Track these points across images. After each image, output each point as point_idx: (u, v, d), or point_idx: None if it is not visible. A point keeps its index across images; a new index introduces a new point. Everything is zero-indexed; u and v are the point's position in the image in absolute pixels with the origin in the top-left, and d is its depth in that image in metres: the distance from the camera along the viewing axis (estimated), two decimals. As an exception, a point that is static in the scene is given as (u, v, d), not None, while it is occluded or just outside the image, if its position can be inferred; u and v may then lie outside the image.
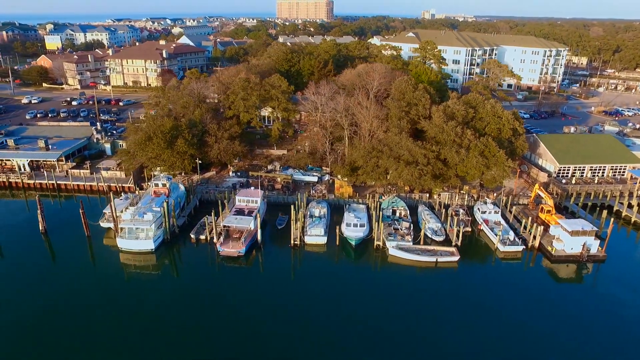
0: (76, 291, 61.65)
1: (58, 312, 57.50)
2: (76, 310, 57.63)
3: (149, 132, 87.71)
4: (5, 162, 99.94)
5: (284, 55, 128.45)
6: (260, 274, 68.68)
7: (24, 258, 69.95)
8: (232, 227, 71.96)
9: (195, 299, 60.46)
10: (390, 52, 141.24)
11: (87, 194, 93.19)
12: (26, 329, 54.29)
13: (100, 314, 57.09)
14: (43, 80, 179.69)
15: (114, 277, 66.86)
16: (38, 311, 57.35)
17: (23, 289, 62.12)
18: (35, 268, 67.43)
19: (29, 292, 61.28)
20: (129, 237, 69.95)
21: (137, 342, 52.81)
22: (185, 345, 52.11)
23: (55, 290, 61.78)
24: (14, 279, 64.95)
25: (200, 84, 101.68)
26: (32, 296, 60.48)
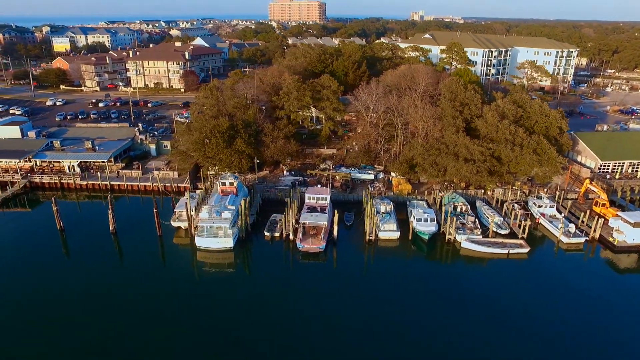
0: (154, 290, 62.03)
1: (137, 313, 57.51)
2: (154, 309, 57.97)
3: (206, 131, 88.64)
4: (53, 164, 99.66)
5: (317, 56, 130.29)
6: (338, 270, 70.15)
7: (95, 258, 69.95)
8: (308, 224, 73.37)
9: (277, 294, 61.44)
10: (416, 54, 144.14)
11: (140, 194, 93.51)
12: (102, 329, 54.22)
13: (180, 312, 57.48)
14: (61, 82, 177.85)
15: (192, 275, 67.73)
16: (113, 311, 57.36)
17: (97, 289, 61.99)
18: (109, 268, 67.75)
19: (103, 292, 61.26)
20: (207, 236, 70.78)
21: (221, 338, 53.27)
22: (272, 340, 52.89)
23: (133, 290, 61.82)
24: (89, 279, 64.67)
25: (247, 85, 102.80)
26: (106, 296, 60.46)
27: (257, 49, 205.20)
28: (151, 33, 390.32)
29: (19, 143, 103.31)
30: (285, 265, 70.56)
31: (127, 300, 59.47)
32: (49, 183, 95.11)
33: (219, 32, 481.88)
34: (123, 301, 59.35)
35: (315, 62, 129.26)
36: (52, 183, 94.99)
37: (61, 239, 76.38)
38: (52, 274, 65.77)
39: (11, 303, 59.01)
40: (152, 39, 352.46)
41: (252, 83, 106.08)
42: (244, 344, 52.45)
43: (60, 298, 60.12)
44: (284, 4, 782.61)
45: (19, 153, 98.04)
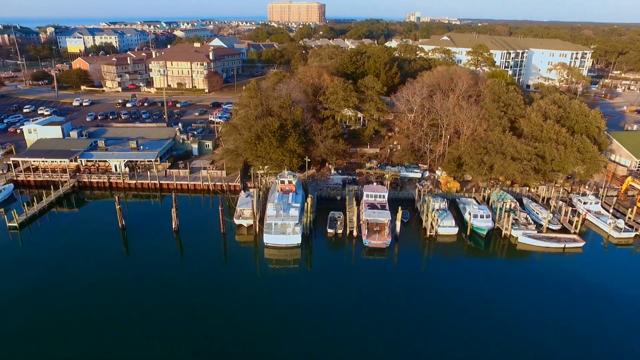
0: (221, 287, 63.20)
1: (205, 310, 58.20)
2: (222, 306, 59.03)
3: (257, 131, 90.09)
4: (98, 163, 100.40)
5: (348, 57, 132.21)
6: (402, 265, 71.90)
7: (159, 256, 70.99)
8: (371, 221, 75.15)
9: (345, 290, 62.97)
10: (442, 56, 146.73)
11: (190, 193, 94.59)
12: (170, 325, 55.18)
13: (249, 308, 58.53)
14: (81, 83, 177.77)
15: (259, 272, 68.96)
16: (176, 308, 58.25)
17: (161, 287, 62.89)
18: (173, 266, 68.80)
19: (169, 290, 62.19)
20: (275, 232, 72.25)
21: (293, 333, 54.42)
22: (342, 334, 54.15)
23: (199, 287, 62.81)
24: (154, 277, 65.47)
25: (288, 85, 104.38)
26: (170, 293, 61.37)
27: (275, 50, 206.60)
28: (157, 34, 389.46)
29: (63, 143, 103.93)
30: (351, 261, 72.10)
31: (194, 298, 60.55)
32: (97, 182, 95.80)
33: (220, 32, 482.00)
34: (190, 298, 60.35)
35: (347, 63, 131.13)
36: (101, 182, 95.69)
37: (122, 237, 77.32)
38: (115, 272, 66.60)
39: (77, 300, 59.78)
40: (159, 39, 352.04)
41: (291, 83, 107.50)
42: (317, 338, 53.65)
43: (124, 295, 61.10)
44: (283, 5, 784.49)
45: (66, 153, 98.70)
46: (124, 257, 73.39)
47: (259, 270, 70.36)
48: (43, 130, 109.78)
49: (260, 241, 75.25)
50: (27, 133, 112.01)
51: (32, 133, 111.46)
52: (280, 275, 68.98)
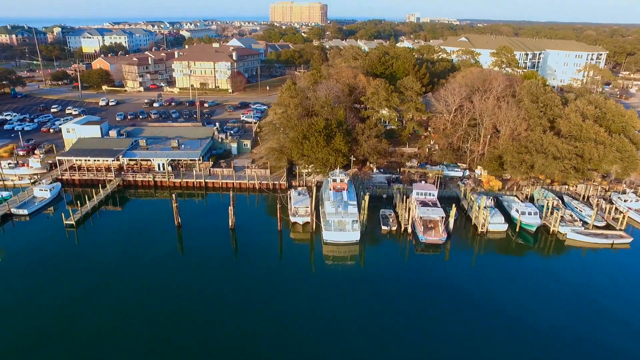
0: (281, 284, 64.10)
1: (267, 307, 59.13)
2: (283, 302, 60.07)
3: (303, 130, 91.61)
4: (141, 162, 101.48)
5: (377, 58, 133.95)
6: (457, 261, 73.51)
7: (212, 253, 71.97)
8: (426, 218, 76.88)
9: (403, 285, 64.52)
10: (467, 57, 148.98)
11: (235, 191, 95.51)
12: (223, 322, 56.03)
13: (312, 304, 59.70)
14: (103, 83, 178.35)
15: (319, 268, 70.17)
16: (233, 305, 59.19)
17: (223, 284, 63.97)
18: (231, 263, 70.19)
19: (222, 287, 63.32)
20: (334, 229, 73.78)
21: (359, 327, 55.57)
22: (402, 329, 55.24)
23: (259, 284, 63.86)
24: (210, 274, 66.49)
25: (329, 85, 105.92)
26: (227, 291, 62.38)
27: (293, 51, 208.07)
28: (165, 34, 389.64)
29: (105, 142, 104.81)
30: (405, 257, 73.90)
31: (251, 294, 61.59)
32: (142, 181, 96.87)
33: (224, 33, 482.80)
34: (247, 295, 61.39)
35: (376, 64, 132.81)
36: (145, 181, 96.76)
37: (178, 234, 78.52)
38: (172, 269, 67.50)
39: (136, 296, 60.72)
40: (166, 40, 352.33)
41: (329, 84, 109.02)
42: (377, 333, 54.61)
43: (181, 292, 61.98)
44: (285, 6, 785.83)
45: (110, 152, 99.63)
46: (180, 254, 74.60)
47: (313, 266, 71.66)
48: (82, 129, 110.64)
49: (316, 238, 76.92)
50: (66, 132, 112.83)
51: (71, 132, 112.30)
52: (337, 271, 70.21)
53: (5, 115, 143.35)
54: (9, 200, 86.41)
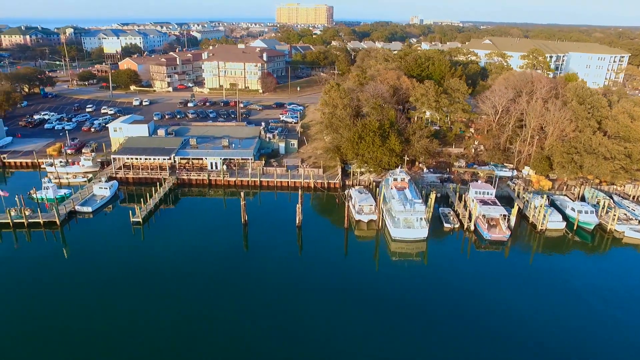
0: (347, 282, 65.11)
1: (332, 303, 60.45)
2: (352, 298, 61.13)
3: (359, 130, 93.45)
4: (192, 161, 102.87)
5: (413, 60, 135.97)
6: (520, 258, 75.43)
7: (277, 250, 73.36)
8: (488, 216, 78.78)
9: (464, 280, 66.15)
10: (498, 60, 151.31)
11: (289, 190, 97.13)
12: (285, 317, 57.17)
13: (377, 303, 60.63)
14: (131, 83, 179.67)
15: (383, 265, 71.78)
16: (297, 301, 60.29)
17: (282, 280, 65.16)
18: (299, 261, 71.88)
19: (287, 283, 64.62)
20: (402, 227, 75.57)
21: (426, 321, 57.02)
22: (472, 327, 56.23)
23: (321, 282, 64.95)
24: (276, 271, 67.58)
25: (376, 86, 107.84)
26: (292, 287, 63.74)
27: (319, 52, 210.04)
28: (178, 35, 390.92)
29: (156, 141, 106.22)
30: (473, 253, 75.66)
31: (316, 291, 62.70)
32: (196, 180, 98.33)
33: (233, 34, 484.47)
34: (312, 292, 62.47)
35: (412, 66, 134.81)
36: (200, 180, 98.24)
37: (244, 232, 80.00)
38: (238, 266, 68.93)
39: (204, 293, 61.89)
40: (179, 41, 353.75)
41: (374, 85, 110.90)
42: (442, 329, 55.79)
43: (246, 287, 63.31)
44: (291, 8, 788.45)
45: (165, 151, 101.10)
46: (245, 251, 76.02)
47: (378, 263, 73.48)
48: (129, 128, 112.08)
49: (380, 235, 78.74)
50: (112, 131, 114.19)
51: (118, 131, 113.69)
52: (404, 267, 71.91)
53: (43, 114, 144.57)
54: (72, 198, 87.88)
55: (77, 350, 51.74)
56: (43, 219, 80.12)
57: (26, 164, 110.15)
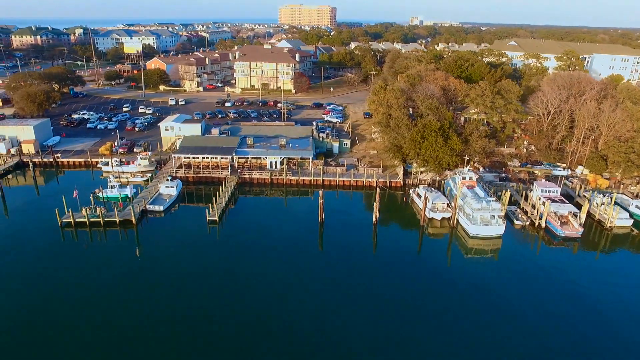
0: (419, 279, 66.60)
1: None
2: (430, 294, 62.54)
3: (420, 130, 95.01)
4: (250, 160, 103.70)
5: (453, 62, 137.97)
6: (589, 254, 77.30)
7: (351, 248, 74.56)
8: (559, 213, 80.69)
9: (534, 276, 67.85)
10: (533, 61, 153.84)
11: (351, 189, 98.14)
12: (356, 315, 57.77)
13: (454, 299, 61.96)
14: (161, 83, 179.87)
15: (460, 262, 72.97)
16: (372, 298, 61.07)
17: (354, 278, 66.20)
18: (372, 259, 72.99)
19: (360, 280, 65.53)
20: (480, 224, 77.21)
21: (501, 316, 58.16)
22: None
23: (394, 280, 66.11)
24: (348, 267, 69.02)
25: (429, 86, 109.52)
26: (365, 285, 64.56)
27: (345, 53, 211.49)
28: (189, 36, 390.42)
29: (213, 140, 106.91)
30: (545, 249, 77.45)
31: (389, 288, 63.68)
32: (257, 179, 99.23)
33: (239, 34, 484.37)
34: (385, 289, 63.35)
35: (453, 67, 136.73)
36: (261, 179, 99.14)
37: (319, 231, 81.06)
38: (311, 264, 70.06)
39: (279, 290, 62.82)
40: (191, 41, 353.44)
41: (427, 86, 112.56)
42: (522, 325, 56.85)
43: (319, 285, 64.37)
44: (294, 9, 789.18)
45: (222, 150, 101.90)
46: (319, 250, 76.75)
47: (450, 259, 75.07)
48: (183, 127, 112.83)
49: (453, 233, 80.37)
50: (164, 130, 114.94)
51: (169, 130, 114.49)
52: (479, 264, 73.10)
53: (82, 114, 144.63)
54: (141, 197, 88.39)
55: (160, 348, 52.11)
56: (119, 217, 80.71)
57: (79, 163, 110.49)
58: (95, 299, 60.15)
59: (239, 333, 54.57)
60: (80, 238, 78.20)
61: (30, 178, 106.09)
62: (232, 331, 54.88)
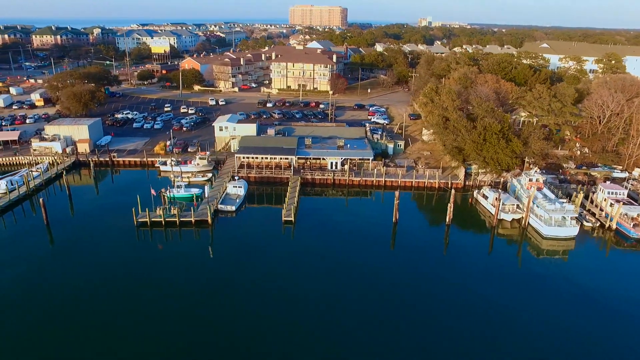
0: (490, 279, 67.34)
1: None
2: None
3: (481, 132, 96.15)
4: (310, 161, 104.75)
5: (497, 64, 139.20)
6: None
7: (422, 248, 75.96)
8: (630, 214, 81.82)
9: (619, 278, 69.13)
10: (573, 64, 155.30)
11: (412, 190, 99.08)
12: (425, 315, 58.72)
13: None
14: (196, 83, 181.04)
15: (533, 263, 74.08)
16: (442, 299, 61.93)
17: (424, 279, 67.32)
18: (438, 258, 74.29)
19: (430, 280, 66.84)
20: (554, 225, 78.32)
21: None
22: None
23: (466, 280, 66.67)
24: (419, 268, 69.99)
25: (482, 89, 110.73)
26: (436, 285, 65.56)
27: (377, 54, 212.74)
28: (207, 36, 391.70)
29: (271, 140, 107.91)
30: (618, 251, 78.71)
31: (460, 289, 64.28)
32: (319, 179, 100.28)
33: (253, 35, 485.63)
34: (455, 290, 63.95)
35: (496, 69, 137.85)
36: (323, 179, 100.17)
37: (393, 231, 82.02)
38: (385, 264, 70.85)
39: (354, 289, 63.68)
40: (210, 41, 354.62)
41: (480, 88, 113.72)
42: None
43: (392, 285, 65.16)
44: (304, 9, 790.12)
45: (283, 150, 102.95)
46: (391, 250, 77.59)
47: (519, 260, 76.12)
48: (239, 127, 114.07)
49: (524, 234, 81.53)
50: (218, 130, 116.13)
51: (224, 130, 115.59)
52: (551, 264, 73.79)
53: (125, 113, 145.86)
54: (210, 197, 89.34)
55: (243, 345, 52.65)
56: (195, 217, 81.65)
57: (134, 162, 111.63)
58: (181, 298, 60.88)
59: (326, 331, 55.44)
60: (156, 237, 79.24)
61: (86, 177, 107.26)
62: (320, 331, 55.53)
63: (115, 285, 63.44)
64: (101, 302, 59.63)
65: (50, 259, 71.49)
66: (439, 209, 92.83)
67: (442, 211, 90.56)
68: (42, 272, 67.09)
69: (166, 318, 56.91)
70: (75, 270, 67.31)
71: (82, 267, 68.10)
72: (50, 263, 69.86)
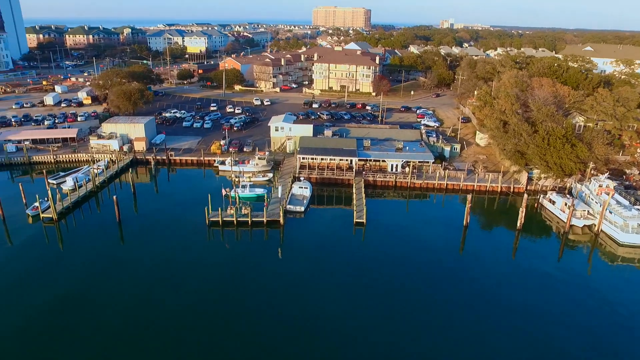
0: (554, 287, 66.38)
1: None
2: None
3: (544, 136, 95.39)
4: (369, 163, 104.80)
5: (547, 67, 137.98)
6: None
7: (492, 253, 75.38)
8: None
9: None
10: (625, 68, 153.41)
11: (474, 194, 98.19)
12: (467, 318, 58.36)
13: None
14: (236, 83, 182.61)
15: (609, 270, 73.36)
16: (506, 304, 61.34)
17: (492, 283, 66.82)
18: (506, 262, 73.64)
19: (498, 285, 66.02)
20: (631, 232, 77.41)
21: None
22: None
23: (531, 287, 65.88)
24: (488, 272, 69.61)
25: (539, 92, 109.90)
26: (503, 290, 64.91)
27: (416, 56, 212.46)
28: (237, 37, 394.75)
29: (331, 142, 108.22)
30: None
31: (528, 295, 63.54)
32: (381, 182, 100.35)
33: (278, 36, 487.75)
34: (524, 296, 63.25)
35: (547, 73, 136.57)
36: (385, 182, 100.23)
37: (463, 235, 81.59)
38: (450, 267, 70.68)
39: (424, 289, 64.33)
40: (239, 42, 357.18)
41: (537, 92, 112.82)
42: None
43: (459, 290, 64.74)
44: (328, 10, 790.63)
45: (344, 151, 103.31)
46: (459, 254, 76.70)
47: (590, 267, 75.16)
48: (295, 128, 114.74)
49: (596, 241, 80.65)
50: (274, 130, 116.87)
51: (279, 130, 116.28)
52: (627, 272, 72.84)
53: (173, 112, 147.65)
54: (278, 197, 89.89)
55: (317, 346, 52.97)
56: (267, 217, 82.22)
57: (191, 161, 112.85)
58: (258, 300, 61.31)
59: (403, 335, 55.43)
60: (228, 237, 79.83)
61: (143, 175, 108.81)
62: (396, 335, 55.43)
63: (189, 284, 64.17)
64: (177, 301, 60.33)
65: (123, 256, 72.27)
66: (504, 213, 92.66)
67: (507, 215, 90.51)
68: (116, 269, 67.95)
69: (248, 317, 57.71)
70: (148, 268, 68.24)
71: (155, 265, 69.04)
72: (124, 260, 70.49)
